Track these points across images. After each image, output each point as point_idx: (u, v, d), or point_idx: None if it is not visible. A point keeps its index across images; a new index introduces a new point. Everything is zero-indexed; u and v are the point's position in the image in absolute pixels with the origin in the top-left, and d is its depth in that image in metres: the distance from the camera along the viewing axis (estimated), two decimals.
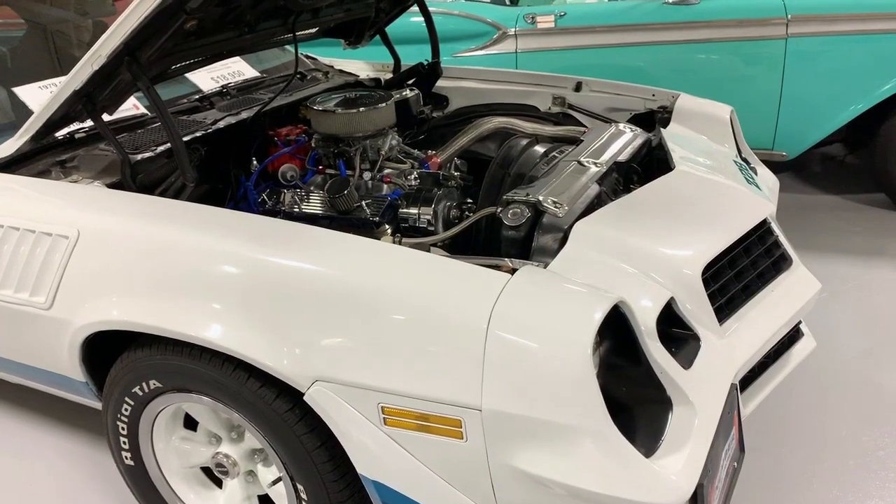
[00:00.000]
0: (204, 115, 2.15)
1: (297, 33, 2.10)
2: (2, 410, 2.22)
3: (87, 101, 1.62)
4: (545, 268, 1.35)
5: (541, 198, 1.53)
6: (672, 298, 1.36)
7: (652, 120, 2.32)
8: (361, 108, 1.97)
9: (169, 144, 1.87)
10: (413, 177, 1.98)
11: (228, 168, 2.08)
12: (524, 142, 1.91)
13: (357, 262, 1.28)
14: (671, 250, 1.46)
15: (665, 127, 2.17)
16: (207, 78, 2.37)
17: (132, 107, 2.13)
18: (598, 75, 3.34)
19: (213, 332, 1.29)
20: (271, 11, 1.92)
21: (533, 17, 3.45)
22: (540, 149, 1.87)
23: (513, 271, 1.24)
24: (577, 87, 2.45)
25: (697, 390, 1.27)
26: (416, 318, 1.19)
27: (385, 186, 1.97)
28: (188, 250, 1.37)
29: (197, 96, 2.26)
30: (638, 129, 2.10)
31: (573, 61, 3.45)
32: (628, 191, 1.83)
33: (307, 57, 2.85)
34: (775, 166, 3.12)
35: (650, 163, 2.01)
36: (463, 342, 1.15)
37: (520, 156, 1.82)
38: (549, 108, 2.47)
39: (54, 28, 2.45)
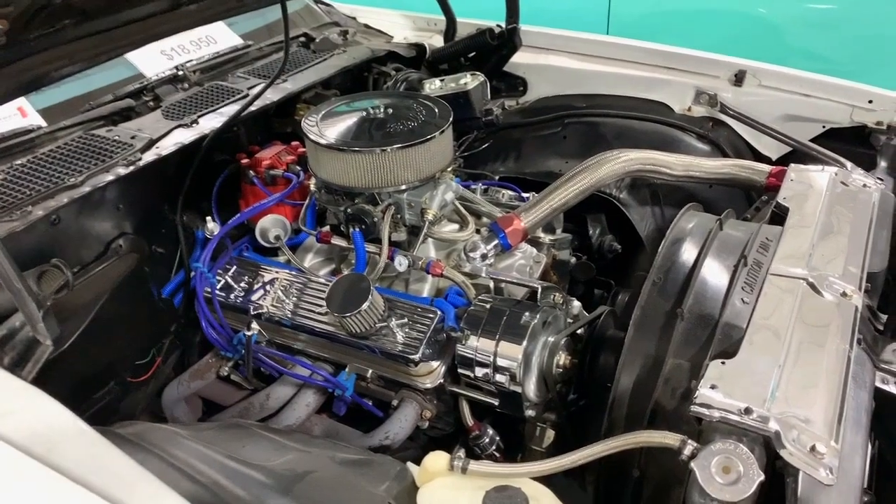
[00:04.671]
0: (138, 124, 1.31)
1: None
2: None
3: None
4: None
5: (781, 429, 0.70)
6: None
7: (864, 141, 1.43)
8: (395, 146, 1.11)
9: (69, 198, 1.07)
10: (480, 253, 1.14)
11: (173, 216, 1.25)
12: (698, 230, 1.05)
13: None
14: None
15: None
16: (157, 52, 1.51)
17: (15, 112, 1.29)
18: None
19: None
20: None
21: None
22: (729, 254, 1.00)
23: None
24: (739, 79, 1.53)
25: None
26: None
27: (430, 280, 1.15)
28: None
29: (134, 86, 1.40)
30: (866, 175, 1.22)
31: None
32: (891, 332, 0.98)
33: (319, 2, 1.95)
34: None
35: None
36: None
37: (697, 270, 0.96)
38: (689, 109, 1.58)
39: None
